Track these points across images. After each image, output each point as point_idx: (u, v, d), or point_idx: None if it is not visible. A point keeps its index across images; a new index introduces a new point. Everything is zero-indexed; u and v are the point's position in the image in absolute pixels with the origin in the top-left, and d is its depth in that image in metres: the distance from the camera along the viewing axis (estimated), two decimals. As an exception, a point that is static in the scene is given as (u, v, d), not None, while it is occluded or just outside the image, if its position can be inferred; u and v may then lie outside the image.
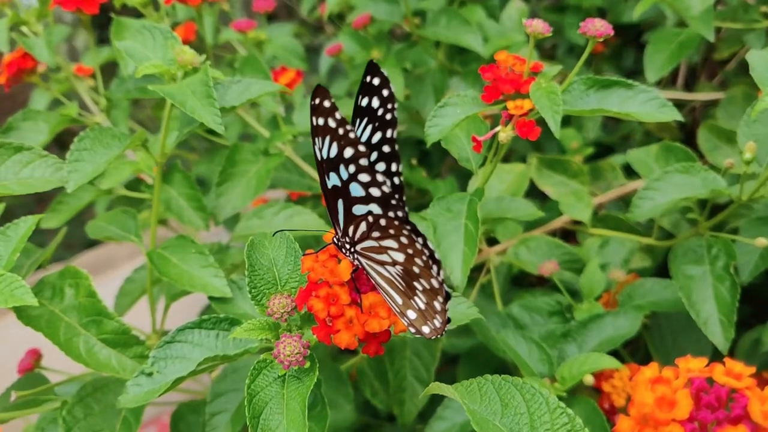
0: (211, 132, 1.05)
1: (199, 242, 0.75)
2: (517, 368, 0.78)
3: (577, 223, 1.01)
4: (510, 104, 0.67)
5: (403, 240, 0.51)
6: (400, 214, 0.53)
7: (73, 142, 0.66)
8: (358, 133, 0.55)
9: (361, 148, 0.50)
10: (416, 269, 0.51)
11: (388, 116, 0.54)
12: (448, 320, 0.53)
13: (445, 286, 0.53)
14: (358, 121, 0.55)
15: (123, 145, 0.67)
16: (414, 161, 1.32)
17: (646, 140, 1.36)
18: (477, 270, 0.97)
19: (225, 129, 0.65)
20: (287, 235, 0.59)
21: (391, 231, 0.51)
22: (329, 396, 0.89)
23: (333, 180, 0.52)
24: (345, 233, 0.53)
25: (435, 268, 0.52)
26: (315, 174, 0.97)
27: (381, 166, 0.55)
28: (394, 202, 0.52)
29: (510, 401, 0.46)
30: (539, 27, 0.66)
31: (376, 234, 0.52)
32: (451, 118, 0.70)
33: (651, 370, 0.43)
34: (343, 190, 0.52)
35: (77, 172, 0.63)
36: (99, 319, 0.63)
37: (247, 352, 0.55)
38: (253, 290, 0.56)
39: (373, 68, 0.54)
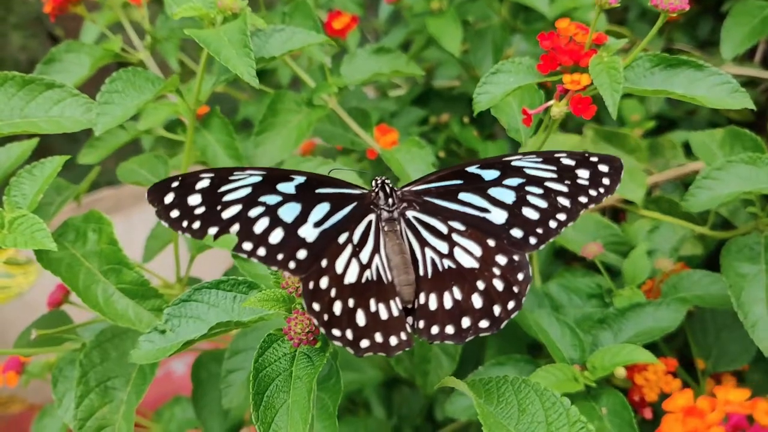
0: (261, 72, 1.02)
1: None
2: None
3: (628, 202, 0.95)
4: (566, 78, 0.62)
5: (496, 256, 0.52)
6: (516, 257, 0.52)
7: (104, 83, 0.63)
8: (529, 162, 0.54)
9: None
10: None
11: (583, 199, 0.53)
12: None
13: None
14: (537, 157, 0.54)
15: (156, 89, 0.64)
16: (466, 119, 1.27)
17: (713, 117, 1.28)
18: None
19: (266, 76, 0.62)
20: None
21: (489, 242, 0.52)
22: (352, 359, 0.87)
23: (502, 195, 0.54)
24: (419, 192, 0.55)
25: None
26: (358, 129, 0.93)
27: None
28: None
29: (528, 407, 0.43)
30: (606, -5, 0.61)
31: (457, 225, 0.52)
32: (502, 86, 0.66)
33: (684, 397, 0.39)
34: (486, 185, 0.54)
35: (106, 115, 0.61)
36: (119, 268, 0.62)
37: (261, 319, 0.53)
38: (270, 258, 0.53)
39: (613, 163, 0.54)
